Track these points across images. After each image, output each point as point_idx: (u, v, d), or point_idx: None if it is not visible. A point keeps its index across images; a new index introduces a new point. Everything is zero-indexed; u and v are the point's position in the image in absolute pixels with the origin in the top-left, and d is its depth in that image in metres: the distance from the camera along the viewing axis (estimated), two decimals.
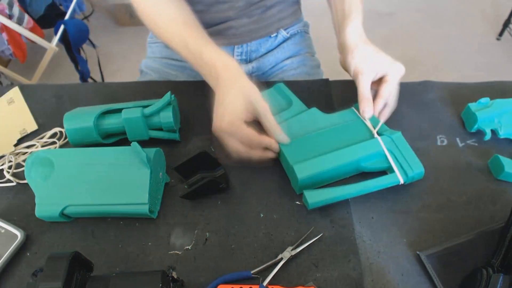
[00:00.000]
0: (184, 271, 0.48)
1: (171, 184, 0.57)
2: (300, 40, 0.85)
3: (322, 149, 0.55)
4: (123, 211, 0.51)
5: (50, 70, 1.93)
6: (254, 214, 0.53)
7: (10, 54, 1.69)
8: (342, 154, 0.54)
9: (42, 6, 1.75)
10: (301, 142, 0.56)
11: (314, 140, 0.56)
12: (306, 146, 0.55)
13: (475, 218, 0.52)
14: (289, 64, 0.83)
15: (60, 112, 0.62)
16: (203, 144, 0.62)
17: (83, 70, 1.58)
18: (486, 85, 0.69)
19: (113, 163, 0.53)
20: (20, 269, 0.49)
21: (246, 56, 0.82)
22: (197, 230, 0.52)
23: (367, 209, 0.54)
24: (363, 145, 0.55)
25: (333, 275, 0.47)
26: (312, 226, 0.52)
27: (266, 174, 0.57)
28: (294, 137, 0.56)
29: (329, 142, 0.56)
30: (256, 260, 0.49)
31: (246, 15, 0.74)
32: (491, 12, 2.26)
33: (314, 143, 0.56)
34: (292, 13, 0.82)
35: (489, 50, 2.04)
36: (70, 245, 0.52)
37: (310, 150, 0.55)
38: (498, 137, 0.60)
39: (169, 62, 0.83)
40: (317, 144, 0.56)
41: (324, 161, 0.53)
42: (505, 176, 0.55)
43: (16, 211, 0.55)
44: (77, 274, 0.39)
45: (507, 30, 2.03)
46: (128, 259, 0.50)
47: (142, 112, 0.57)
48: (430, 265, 0.47)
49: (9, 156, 0.59)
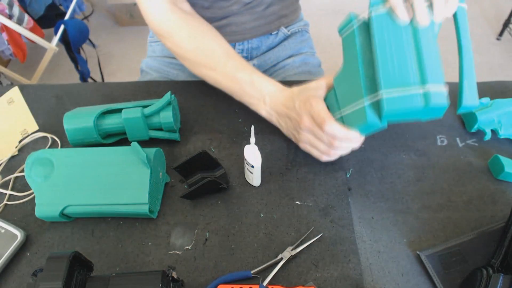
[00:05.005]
0: (184, 271, 0.48)
1: (171, 184, 0.57)
2: (301, 38, 0.86)
3: None
4: (123, 211, 0.51)
5: (50, 70, 1.94)
6: (254, 214, 0.53)
7: (10, 54, 1.69)
8: None
9: (42, 6, 1.75)
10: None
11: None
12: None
13: (475, 218, 0.52)
14: (291, 63, 0.83)
15: (60, 112, 0.62)
16: (203, 144, 0.62)
17: (83, 70, 1.58)
18: (486, 85, 0.69)
19: (113, 163, 0.53)
20: (20, 269, 0.49)
21: (248, 53, 0.82)
22: (197, 230, 0.52)
23: (367, 209, 0.53)
24: None
25: (333, 275, 0.47)
26: (312, 226, 0.52)
27: (266, 174, 0.57)
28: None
29: None
30: (256, 260, 0.49)
31: (248, 11, 0.75)
32: (491, 12, 2.26)
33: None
34: (292, 11, 0.83)
35: (489, 50, 2.04)
36: (70, 245, 0.52)
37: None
38: (498, 137, 0.60)
39: (170, 61, 0.83)
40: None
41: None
42: (505, 176, 0.55)
43: (16, 211, 0.55)
44: (77, 274, 0.39)
45: (507, 30, 2.03)
46: (128, 259, 0.50)
47: (142, 112, 0.57)
48: (430, 265, 0.47)
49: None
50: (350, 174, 0.57)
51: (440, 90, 0.40)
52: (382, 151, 0.60)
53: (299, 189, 0.56)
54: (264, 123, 0.63)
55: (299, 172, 0.58)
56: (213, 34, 0.62)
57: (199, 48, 0.60)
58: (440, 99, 0.40)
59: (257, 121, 0.62)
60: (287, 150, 0.60)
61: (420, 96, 0.40)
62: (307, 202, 0.54)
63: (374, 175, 0.57)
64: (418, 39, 0.41)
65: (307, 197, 0.55)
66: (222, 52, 0.60)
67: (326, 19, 2.19)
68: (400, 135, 0.62)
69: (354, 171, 0.58)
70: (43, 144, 0.63)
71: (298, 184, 0.56)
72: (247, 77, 0.57)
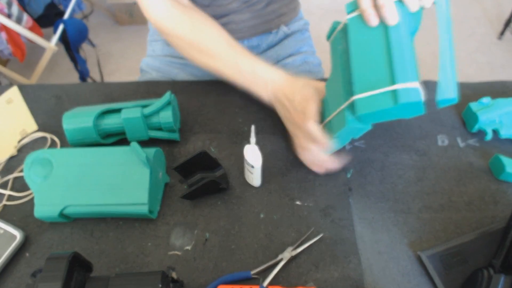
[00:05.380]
0: (184, 272, 0.48)
1: (171, 184, 0.57)
2: (301, 37, 0.86)
3: None
4: (123, 211, 0.51)
5: (49, 69, 1.93)
6: (254, 214, 0.53)
7: (9, 54, 1.68)
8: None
9: (41, 6, 1.75)
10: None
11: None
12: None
13: (476, 218, 0.52)
14: (291, 62, 0.83)
15: (60, 112, 0.62)
16: (203, 144, 0.62)
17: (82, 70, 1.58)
18: (487, 84, 0.69)
19: (112, 163, 0.53)
20: (19, 270, 0.49)
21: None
22: (197, 230, 0.52)
23: (368, 209, 0.53)
24: None
25: (333, 276, 0.47)
26: (312, 227, 0.51)
27: (266, 174, 0.57)
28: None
29: None
30: (256, 261, 0.49)
31: (247, 9, 0.75)
32: (492, 11, 2.25)
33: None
34: (292, 9, 0.83)
35: (490, 49, 2.04)
36: (69, 245, 0.51)
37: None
38: (499, 137, 0.60)
39: (170, 60, 0.83)
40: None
41: None
42: (506, 176, 0.55)
43: (15, 212, 0.55)
44: (76, 275, 0.39)
45: (508, 30, 2.03)
46: (128, 260, 0.50)
47: (142, 112, 0.57)
48: (431, 265, 0.47)
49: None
50: (351, 175, 0.57)
51: (409, 87, 0.39)
52: (383, 151, 0.60)
53: (300, 189, 0.56)
54: (264, 122, 0.63)
55: (300, 173, 0.57)
56: (215, 25, 0.62)
57: (202, 38, 0.60)
58: (409, 96, 0.39)
59: (257, 121, 0.62)
60: (287, 150, 0.60)
61: (388, 96, 0.40)
62: (307, 202, 0.54)
63: (375, 175, 0.57)
64: (389, 39, 0.41)
65: (307, 198, 0.55)
66: (224, 42, 0.60)
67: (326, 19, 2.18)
68: (401, 135, 0.62)
69: (354, 171, 0.57)
70: (42, 144, 0.63)
71: (298, 185, 0.56)
72: (249, 64, 0.58)
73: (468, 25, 2.18)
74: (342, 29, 0.47)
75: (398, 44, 0.41)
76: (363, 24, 0.43)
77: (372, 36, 0.43)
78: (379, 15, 0.42)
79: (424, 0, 0.42)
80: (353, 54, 0.44)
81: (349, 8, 0.45)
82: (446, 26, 0.42)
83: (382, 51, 0.41)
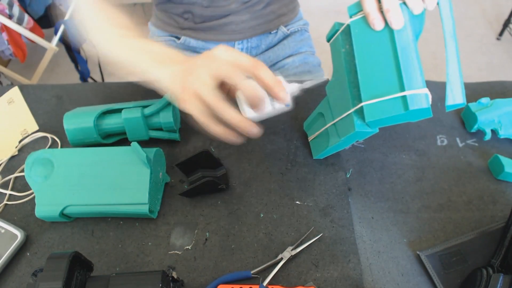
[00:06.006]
0: (184, 271, 0.48)
1: (171, 184, 0.57)
2: (300, 38, 0.86)
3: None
4: (123, 211, 0.51)
5: (50, 70, 1.93)
6: (254, 214, 0.53)
7: (10, 54, 1.69)
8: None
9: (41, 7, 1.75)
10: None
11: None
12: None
13: (475, 218, 0.52)
14: (291, 62, 0.83)
15: (60, 112, 0.62)
16: (203, 144, 0.62)
17: (83, 70, 1.58)
18: (486, 85, 0.69)
19: (113, 163, 0.53)
20: (20, 269, 0.49)
21: (247, 52, 0.82)
22: (197, 230, 0.52)
23: (367, 209, 0.53)
24: None
25: (333, 275, 0.47)
26: (312, 226, 0.52)
27: (266, 174, 0.57)
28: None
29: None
30: (256, 260, 0.49)
31: (247, 10, 0.75)
32: (491, 12, 2.26)
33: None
34: (291, 9, 0.83)
35: (489, 50, 2.04)
36: (70, 245, 0.52)
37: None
38: (498, 137, 0.60)
39: None
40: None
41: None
42: (505, 176, 0.55)
43: (16, 211, 0.55)
44: (77, 274, 0.39)
45: (507, 30, 2.03)
46: (128, 259, 0.50)
47: (142, 112, 0.57)
48: (431, 265, 0.47)
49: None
50: (350, 174, 0.57)
51: (419, 93, 0.39)
52: (382, 151, 0.60)
53: (299, 189, 0.56)
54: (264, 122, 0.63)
55: (299, 172, 0.58)
56: (118, 10, 0.58)
57: (99, 16, 0.57)
58: (419, 103, 0.39)
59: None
60: (287, 150, 0.60)
61: (398, 102, 0.40)
62: (307, 202, 0.54)
63: (374, 175, 0.57)
64: (395, 43, 0.41)
65: (307, 197, 0.55)
66: (119, 22, 0.55)
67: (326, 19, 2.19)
68: (400, 135, 0.62)
69: (354, 171, 0.58)
70: (43, 144, 0.63)
71: (298, 184, 0.56)
72: (137, 42, 0.51)
73: (467, 25, 2.18)
74: (344, 31, 0.47)
75: (405, 49, 0.40)
76: (367, 27, 0.43)
77: (377, 40, 0.42)
78: (384, 19, 0.41)
79: (428, 2, 0.42)
80: (358, 58, 0.43)
81: (352, 11, 0.44)
82: (451, 29, 0.42)
83: (389, 56, 0.41)
